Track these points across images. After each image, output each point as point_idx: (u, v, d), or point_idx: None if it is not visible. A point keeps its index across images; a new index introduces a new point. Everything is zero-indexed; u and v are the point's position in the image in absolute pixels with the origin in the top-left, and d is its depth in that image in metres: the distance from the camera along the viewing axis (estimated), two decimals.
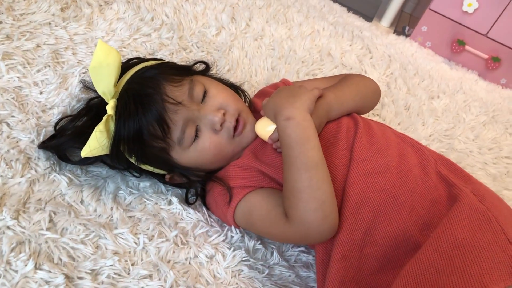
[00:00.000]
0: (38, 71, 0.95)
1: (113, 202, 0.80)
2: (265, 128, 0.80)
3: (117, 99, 0.79)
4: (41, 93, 0.91)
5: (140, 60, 0.91)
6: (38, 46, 1.00)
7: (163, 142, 0.78)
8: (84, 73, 0.99)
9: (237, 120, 0.83)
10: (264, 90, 1.00)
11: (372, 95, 0.95)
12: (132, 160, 0.81)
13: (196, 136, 0.80)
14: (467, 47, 1.68)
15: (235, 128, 0.82)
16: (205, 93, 0.82)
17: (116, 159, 0.81)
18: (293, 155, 0.72)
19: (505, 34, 1.63)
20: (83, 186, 0.80)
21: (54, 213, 0.74)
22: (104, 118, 0.76)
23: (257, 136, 0.83)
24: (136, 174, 0.85)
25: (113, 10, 1.19)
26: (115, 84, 0.79)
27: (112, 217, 0.78)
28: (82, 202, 0.78)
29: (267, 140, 0.79)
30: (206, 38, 1.26)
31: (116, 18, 1.17)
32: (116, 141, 0.77)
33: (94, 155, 0.76)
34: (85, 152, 0.75)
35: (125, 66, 0.87)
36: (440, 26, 1.71)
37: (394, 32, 1.81)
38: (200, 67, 1.00)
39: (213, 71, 1.10)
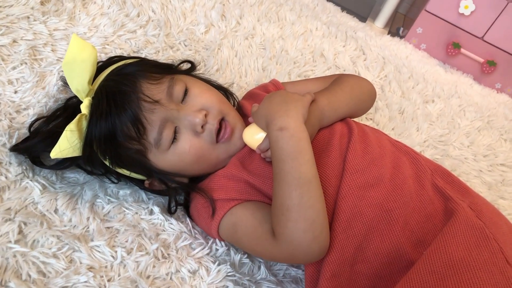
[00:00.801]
0: (14, 68, 0.89)
1: (90, 211, 0.74)
2: (253, 136, 0.75)
3: (92, 98, 0.74)
4: (15, 92, 0.86)
5: (121, 58, 0.85)
6: (14, 41, 0.94)
7: (138, 143, 0.73)
8: (63, 71, 0.93)
9: (220, 124, 0.78)
10: (253, 91, 0.95)
11: (367, 98, 0.90)
12: (107, 163, 0.76)
13: (175, 138, 0.74)
14: (462, 50, 1.65)
15: (218, 132, 0.77)
16: (186, 92, 0.77)
17: (90, 163, 0.76)
18: (285, 170, 0.67)
19: (501, 38, 1.60)
20: (58, 194, 0.75)
21: (25, 224, 0.68)
22: (77, 117, 0.72)
23: (245, 144, 0.78)
24: (114, 180, 0.80)
25: (96, 5, 1.13)
26: (90, 82, 0.74)
27: (88, 228, 0.73)
28: (56, 211, 0.73)
29: (255, 149, 0.74)
30: (195, 36, 1.21)
31: (100, 13, 1.11)
32: (88, 141, 0.72)
33: (64, 156, 0.71)
34: (55, 153, 0.69)
35: (105, 63, 0.82)
36: (435, 28, 1.67)
37: (388, 33, 1.77)
38: (185, 66, 0.95)
39: (200, 71, 1.05)
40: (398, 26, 1.86)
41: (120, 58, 0.85)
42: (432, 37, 1.69)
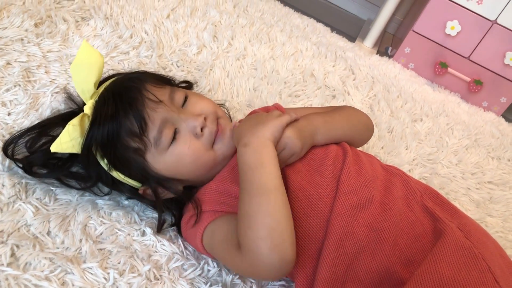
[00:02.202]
0: (7, 90, 0.90)
1: (82, 233, 0.75)
2: None
3: (96, 101, 0.77)
4: (9, 114, 0.86)
5: (124, 72, 0.89)
6: (8, 63, 0.95)
7: (139, 141, 0.75)
8: (56, 93, 0.94)
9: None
10: (255, 111, 0.96)
11: (363, 128, 0.92)
12: (104, 165, 0.77)
13: (174, 138, 0.76)
14: (449, 69, 1.68)
15: (216, 134, 0.80)
16: (185, 99, 0.81)
17: (87, 163, 0.77)
18: (247, 180, 0.69)
19: (487, 58, 1.64)
20: (51, 216, 0.75)
21: (17, 247, 0.69)
22: (80, 115, 0.75)
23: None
24: (104, 191, 0.81)
25: (90, 27, 1.15)
26: (95, 85, 0.78)
27: (80, 249, 0.73)
28: (48, 233, 0.73)
29: None
30: (187, 57, 1.23)
31: (93, 35, 1.13)
32: (89, 139, 0.74)
33: (64, 151, 0.74)
34: (55, 146, 0.72)
35: (109, 76, 0.86)
36: (423, 48, 1.71)
37: (377, 53, 1.80)
38: (182, 85, 0.99)
39: (193, 90, 1.08)
40: (386, 46, 1.90)
41: (124, 73, 0.89)
42: (420, 56, 1.72)
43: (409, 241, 0.71)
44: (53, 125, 0.81)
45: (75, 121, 0.74)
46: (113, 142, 0.74)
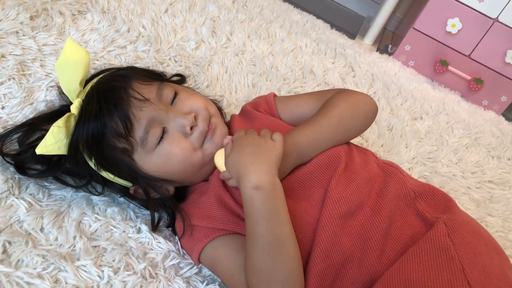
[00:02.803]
0: (1, 83, 0.89)
1: (76, 230, 0.73)
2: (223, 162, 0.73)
3: (83, 100, 0.75)
4: (2, 108, 0.85)
5: (112, 68, 0.85)
6: (2, 56, 0.94)
7: (125, 141, 0.72)
8: (52, 87, 0.92)
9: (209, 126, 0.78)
10: (245, 108, 0.92)
11: (359, 123, 0.82)
12: (92, 164, 0.75)
13: (162, 138, 0.74)
14: (450, 67, 1.67)
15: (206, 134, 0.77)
16: (174, 96, 0.78)
17: (75, 164, 0.75)
18: (259, 232, 0.64)
19: (488, 56, 1.63)
20: (44, 212, 0.73)
21: (9, 243, 0.67)
22: (65, 115, 0.72)
23: None
24: (98, 190, 0.79)
25: (87, 20, 1.13)
26: (81, 83, 0.75)
27: (74, 247, 0.71)
28: (42, 230, 0.72)
29: (220, 174, 0.74)
30: (185, 52, 1.21)
31: (90, 28, 1.11)
32: (75, 139, 0.72)
33: (50, 153, 0.71)
34: (40, 148, 0.70)
35: (97, 73, 0.83)
36: (423, 45, 1.69)
37: (377, 50, 1.79)
38: (175, 78, 0.95)
39: (190, 86, 1.05)
40: (386, 43, 1.88)
41: (112, 68, 0.85)
42: (420, 54, 1.71)
43: (398, 248, 0.70)
44: (41, 124, 0.78)
45: (60, 122, 0.71)
46: (99, 142, 0.72)
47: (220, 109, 0.94)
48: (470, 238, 0.68)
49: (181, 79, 0.95)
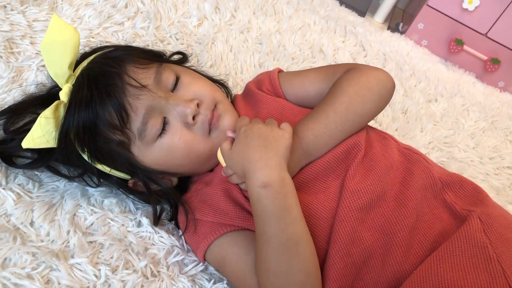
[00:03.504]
0: None
1: (70, 224, 0.66)
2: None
3: (73, 85, 0.67)
4: None
5: (108, 47, 0.77)
6: None
7: (121, 134, 0.65)
8: (43, 66, 0.85)
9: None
10: (249, 87, 0.83)
11: (374, 104, 0.71)
12: (85, 157, 0.67)
13: (163, 129, 0.66)
14: (465, 47, 1.59)
15: (211, 122, 0.70)
16: (176, 81, 0.69)
17: (66, 157, 0.67)
18: (270, 232, 0.58)
19: (506, 35, 1.55)
20: (35, 204, 0.67)
21: None
22: (54, 104, 0.65)
23: None
24: (94, 182, 0.72)
25: None
26: (71, 67, 0.67)
27: (68, 243, 0.65)
28: (32, 224, 0.65)
29: (222, 171, 0.67)
30: (187, 29, 1.13)
31: (85, 3, 1.03)
32: (65, 130, 0.65)
33: (37, 147, 0.64)
34: (27, 142, 0.63)
35: (90, 52, 0.75)
36: (437, 23, 1.61)
37: (388, 29, 1.70)
38: (175, 57, 0.86)
39: (193, 66, 0.97)
40: (397, 22, 1.80)
41: (106, 47, 0.77)
42: (434, 33, 1.63)
43: (426, 243, 0.63)
44: (28, 108, 0.70)
45: (47, 112, 0.64)
46: (91, 134, 0.65)
47: (227, 92, 0.87)
48: (509, 235, 0.62)
49: (182, 58, 0.86)
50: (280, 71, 0.83)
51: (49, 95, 0.72)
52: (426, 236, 0.64)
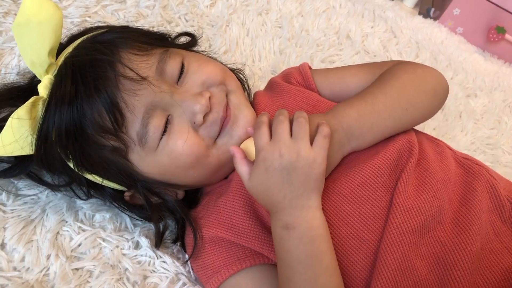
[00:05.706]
0: None
1: (51, 245, 0.54)
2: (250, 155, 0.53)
3: (54, 76, 0.54)
4: None
5: (100, 27, 0.63)
6: None
7: (115, 139, 0.52)
8: None
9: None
10: (273, 80, 0.71)
11: (429, 98, 0.61)
12: (71, 165, 0.55)
13: (165, 131, 0.54)
14: (507, 35, 1.44)
15: (224, 121, 0.57)
16: (182, 70, 0.57)
17: (47, 166, 0.56)
18: (295, 281, 0.48)
19: None
20: (8, 220, 0.55)
21: None
22: (30, 100, 0.52)
23: None
24: (83, 195, 0.59)
25: None
26: (52, 54, 0.54)
27: (48, 270, 0.53)
28: (2, 246, 0.53)
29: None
30: (198, 10, 1.01)
31: None
32: (44, 134, 0.52)
33: (9, 155, 0.52)
34: None
35: (78, 34, 0.62)
36: (476, 9, 1.46)
37: (419, 14, 1.56)
38: (183, 39, 0.72)
39: (204, 51, 0.83)
40: (428, 7, 1.65)
41: (99, 27, 0.63)
42: (472, 19, 1.48)
43: (493, 281, 0.51)
44: (2, 103, 0.57)
45: (21, 112, 0.51)
46: (76, 139, 0.52)
47: (242, 82, 0.73)
48: None
49: (191, 41, 0.72)
50: (310, 67, 0.71)
51: (30, 87, 0.59)
52: (493, 271, 0.52)
